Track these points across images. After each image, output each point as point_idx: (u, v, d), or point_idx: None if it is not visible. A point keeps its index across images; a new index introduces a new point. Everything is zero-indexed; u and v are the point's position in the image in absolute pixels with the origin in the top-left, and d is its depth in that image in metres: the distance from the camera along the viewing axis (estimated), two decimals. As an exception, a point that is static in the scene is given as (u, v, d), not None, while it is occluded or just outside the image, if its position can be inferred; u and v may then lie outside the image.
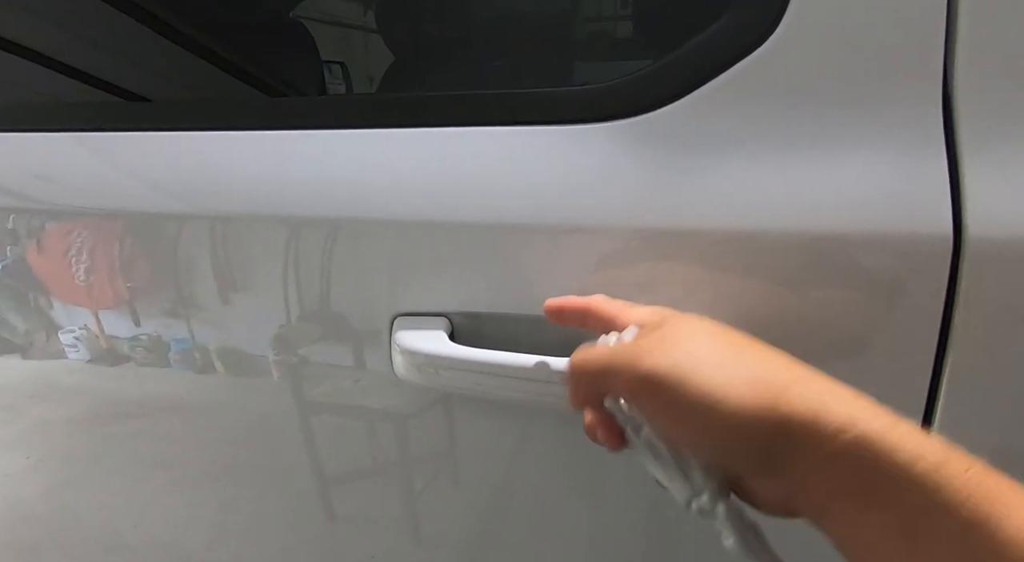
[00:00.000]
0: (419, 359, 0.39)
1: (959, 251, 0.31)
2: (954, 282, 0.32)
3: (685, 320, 0.30)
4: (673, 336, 0.28)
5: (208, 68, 0.60)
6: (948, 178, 0.32)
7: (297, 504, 0.53)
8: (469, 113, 0.41)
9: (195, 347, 0.49)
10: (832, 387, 0.24)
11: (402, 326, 0.41)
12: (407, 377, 0.41)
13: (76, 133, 0.50)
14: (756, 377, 0.25)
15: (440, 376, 0.39)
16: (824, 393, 0.24)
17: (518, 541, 0.49)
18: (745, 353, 0.27)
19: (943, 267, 0.32)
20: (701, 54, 0.36)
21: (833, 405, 0.23)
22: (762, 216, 0.34)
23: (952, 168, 0.32)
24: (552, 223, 0.38)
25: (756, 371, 0.25)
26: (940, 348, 0.33)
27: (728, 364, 0.26)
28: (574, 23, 0.59)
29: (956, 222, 0.32)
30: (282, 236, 0.44)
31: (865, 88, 0.33)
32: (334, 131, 0.43)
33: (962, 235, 0.31)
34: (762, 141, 0.35)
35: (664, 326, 0.29)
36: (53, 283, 0.54)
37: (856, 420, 0.22)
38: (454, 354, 0.38)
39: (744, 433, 0.24)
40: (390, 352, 0.42)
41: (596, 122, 0.38)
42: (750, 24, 0.35)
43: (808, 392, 0.24)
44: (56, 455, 0.62)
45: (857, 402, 0.24)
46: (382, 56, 0.93)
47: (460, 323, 0.41)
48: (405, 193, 0.41)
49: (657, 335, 0.28)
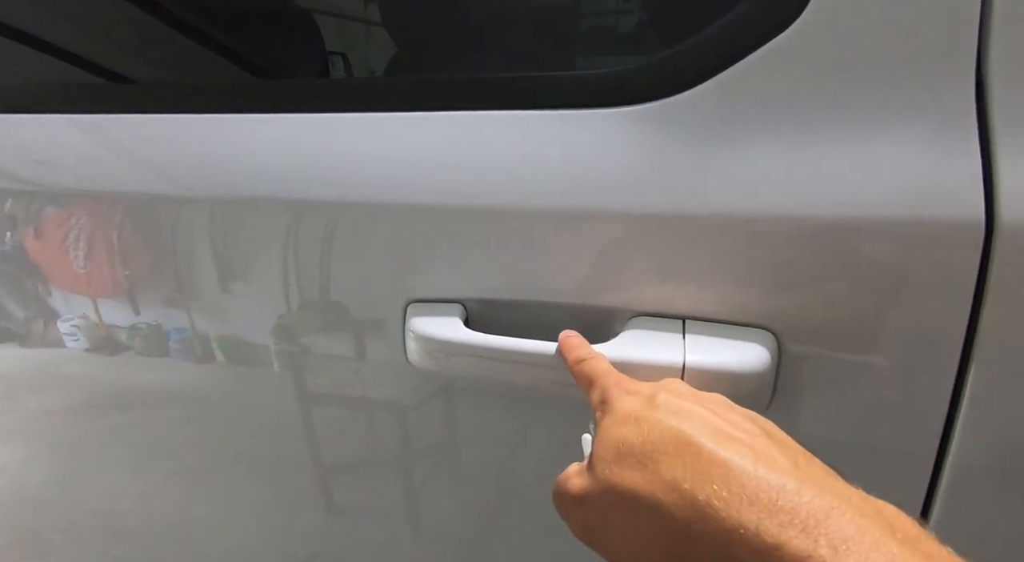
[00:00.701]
0: (433, 345, 0.38)
1: (991, 239, 0.31)
2: (985, 271, 0.31)
3: (656, 437, 0.25)
4: (613, 477, 0.25)
5: (212, 57, 0.59)
6: (980, 164, 0.31)
7: (299, 494, 0.53)
8: (487, 97, 0.40)
9: (195, 336, 0.48)
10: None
11: (416, 312, 0.40)
12: (421, 364, 0.40)
13: (75, 115, 0.49)
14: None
15: (454, 362, 0.38)
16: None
17: (519, 531, 0.48)
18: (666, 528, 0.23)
19: (974, 256, 0.31)
20: (727, 36, 0.35)
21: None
22: (788, 201, 0.34)
23: (985, 153, 0.31)
24: (571, 209, 0.37)
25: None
26: (967, 342, 0.32)
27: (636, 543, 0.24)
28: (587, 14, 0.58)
29: (988, 209, 0.31)
30: (294, 222, 0.43)
31: (895, 71, 0.33)
32: (349, 114, 0.42)
33: (994, 223, 0.31)
34: (789, 125, 0.34)
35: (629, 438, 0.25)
36: (52, 270, 0.53)
37: None
38: (469, 340, 0.37)
39: None
40: (403, 339, 0.41)
41: (620, 106, 0.37)
42: (777, 5, 0.34)
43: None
44: (55, 444, 0.61)
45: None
46: (383, 48, 0.92)
47: (475, 310, 0.40)
48: (420, 178, 0.40)
49: (599, 471, 0.26)
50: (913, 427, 0.35)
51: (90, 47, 0.55)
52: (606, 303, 0.38)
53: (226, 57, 0.60)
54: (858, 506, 0.20)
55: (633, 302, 0.37)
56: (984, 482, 0.35)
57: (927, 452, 0.35)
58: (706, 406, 0.27)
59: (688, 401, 0.27)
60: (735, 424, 0.25)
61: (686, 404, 0.26)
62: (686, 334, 0.36)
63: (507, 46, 0.54)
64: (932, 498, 0.36)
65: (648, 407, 0.27)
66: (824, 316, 0.35)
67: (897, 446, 0.36)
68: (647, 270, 0.37)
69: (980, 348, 0.32)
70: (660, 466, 0.23)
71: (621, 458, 0.25)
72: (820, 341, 0.35)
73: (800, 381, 0.36)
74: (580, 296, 0.38)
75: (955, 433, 0.34)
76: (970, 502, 0.35)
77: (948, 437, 0.35)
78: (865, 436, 0.36)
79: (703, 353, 0.34)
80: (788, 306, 0.35)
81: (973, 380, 0.33)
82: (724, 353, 0.34)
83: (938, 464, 0.35)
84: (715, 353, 0.34)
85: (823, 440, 0.37)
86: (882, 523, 0.20)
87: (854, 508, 0.20)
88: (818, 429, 0.37)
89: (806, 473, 0.22)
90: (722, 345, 0.35)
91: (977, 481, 0.35)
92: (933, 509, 0.36)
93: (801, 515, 0.20)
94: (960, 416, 0.34)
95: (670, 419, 0.25)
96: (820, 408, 0.36)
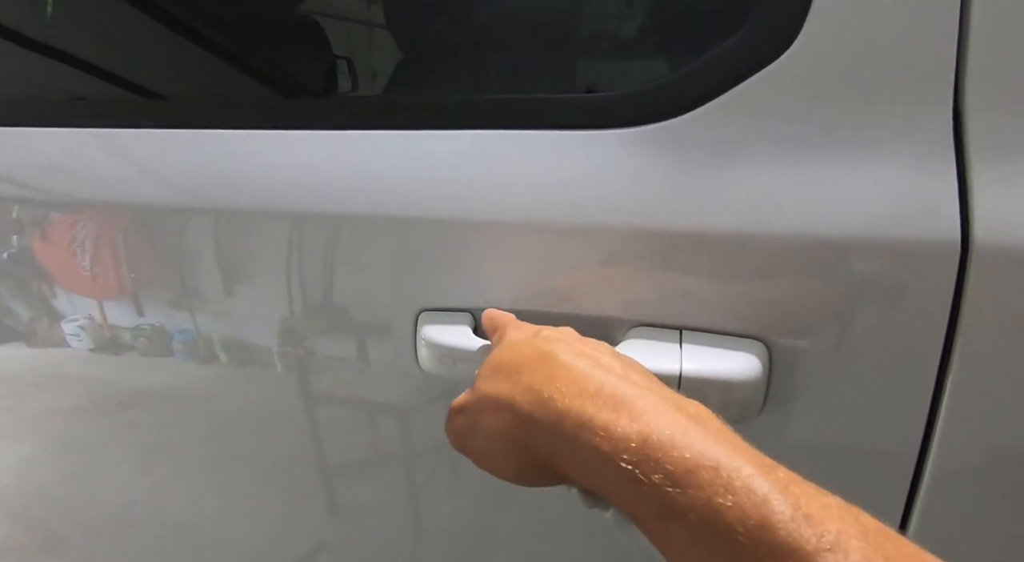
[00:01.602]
0: (443, 352, 0.40)
1: (967, 257, 0.33)
2: (961, 287, 0.33)
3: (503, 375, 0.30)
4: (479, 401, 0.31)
5: (219, 65, 0.60)
6: (957, 186, 0.34)
7: (305, 492, 0.54)
8: (496, 116, 0.42)
9: (199, 337, 0.50)
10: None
11: (427, 321, 0.42)
12: (431, 369, 0.42)
13: (86, 129, 0.50)
14: (519, 464, 0.29)
15: (463, 368, 0.40)
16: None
17: (521, 532, 0.50)
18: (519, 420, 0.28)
19: (951, 272, 0.33)
20: (722, 64, 0.38)
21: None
22: (775, 220, 0.36)
23: (961, 176, 0.34)
24: (574, 224, 0.39)
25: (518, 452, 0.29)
26: (945, 353, 0.35)
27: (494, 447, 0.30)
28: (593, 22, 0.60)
29: (964, 230, 0.33)
30: (309, 233, 0.44)
31: (879, 99, 0.35)
32: (363, 131, 0.44)
33: (970, 241, 0.33)
34: (779, 148, 0.36)
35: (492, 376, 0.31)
36: (58, 272, 0.54)
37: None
38: (479, 348, 0.39)
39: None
40: (415, 345, 0.43)
41: (622, 127, 0.39)
42: (770, 36, 0.36)
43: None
44: (59, 444, 0.62)
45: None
46: (388, 52, 0.93)
47: (483, 318, 0.42)
48: (433, 192, 0.42)
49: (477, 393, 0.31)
50: (894, 434, 0.37)
51: (98, 59, 0.57)
52: (607, 313, 0.40)
53: (236, 67, 0.61)
54: (665, 396, 0.26)
55: (632, 313, 0.39)
56: (960, 486, 0.37)
57: (908, 458, 0.37)
58: (577, 339, 0.32)
59: (566, 337, 0.32)
60: (597, 351, 0.30)
61: (562, 338, 0.31)
62: (683, 344, 0.38)
63: (514, 55, 0.56)
64: (913, 501, 0.38)
65: (530, 337, 0.32)
66: (813, 328, 0.37)
67: (880, 451, 0.38)
68: (647, 283, 0.39)
69: (956, 359, 0.35)
70: (523, 376, 0.29)
71: (495, 373, 0.30)
72: (809, 352, 0.37)
73: (790, 389, 0.38)
74: (582, 306, 0.40)
75: (934, 440, 0.36)
76: (947, 505, 0.38)
77: (927, 444, 0.37)
78: (850, 441, 0.38)
79: (699, 362, 0.36)
80: (780, 318, 0.37)
81: (950, 389, 0.35)
82: (719, 362, 0.36)
83: (918, 469, 0.38)
84: (710, 362, 0.36)
85: (811, 445, 0.39)
86: (675, 406, 0.25)
87: (658, 396, 0.26)
88: (807, 435, 0.39)
89: (633, 380, 0.27)
90: (717, 355, 0.37)
91: (954, 485, 0.37)
92: (914, 511, 0.38)
93: (615, 399, 0.25)
94: (938, 424, 0.36)
95: (542, 344, 0.30)
96: (808, 415, 0.39)
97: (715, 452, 0.22)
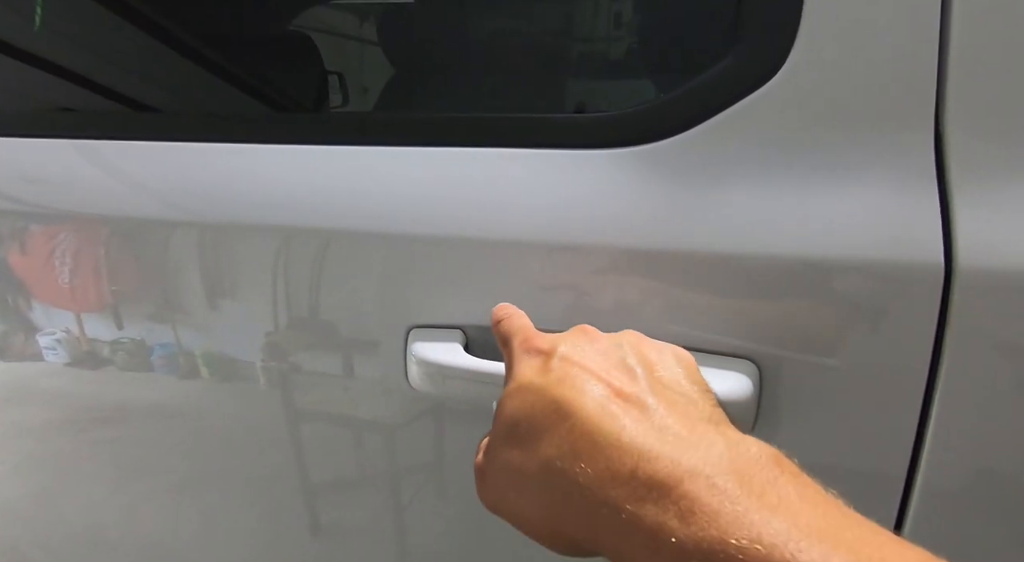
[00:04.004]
0: (433, 369, 0.39)
1: (950, 280, 0.34)
2: (945, 309, 0.34)
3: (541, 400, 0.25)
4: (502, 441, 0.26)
5: (206, 77, 0.60)
6: (940, 211, 0.34)
7: (285, 512, 0.53)
8: (486, 134, 0.42)
9: (180, 351, 0.49)
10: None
11: (417, 337, 0.41)
12: (421, 386, 0.41)
13: (68, 140, 0.50)
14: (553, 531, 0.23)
15: (453, 385, 0.40)
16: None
17: (506, 556, 0.49)
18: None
19: (935, 295, 0.34)
20: (711, 88, 0.38)
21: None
22: (764, 241, 0.36)
23: (943, 202, 0.35)
24: (563, 243, 0.39)
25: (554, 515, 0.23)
26: (931, 373, 0.35)
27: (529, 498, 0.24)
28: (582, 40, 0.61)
29: (947, 253, 0.34)
30: (299, 248, 0.44)
31: (863, 125, 0.36)
32: (353, 147, 0.44)
33: (953, 265, 0.34)
34: (766, 172, 0.37)
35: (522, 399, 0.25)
36: (34, 284, 0.53)
37: None
38: (467, 365, 0.39)
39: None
40: (405, 362, 0.42)
41: (612, 147, 0.40)
42: (758, 63, 0.37)
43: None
44: (32, 460, 0.60)
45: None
46: (380, 68, 0.94)
47: (474, 335, 0.42)
48: (425, 209, 0.42)
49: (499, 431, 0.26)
50: (884, 454, 0.38)
51: (86, 71, 0.56)
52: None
53: (224, 79, 0.61)
54: (723, 466, 0.20)
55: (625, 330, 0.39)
56: (949, 506, 0.38)
57: (897, 477, 0.38)
58: (602, 362, 0.26)
59: (586, 359, 0.26)
60: (632, 377, 0.25)
61: (577, 368, 0.25)
62: (674, 362, 0.38)
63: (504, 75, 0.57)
64: (903, 520, 0.38)
65: (541, 372, 0.26)
66: (803, 348, 0.37)
67: (870, 471, 0.38)
68: (637, 302, 0.39)
69: (942, 380, 0.35)
70: (539, 444, 0.23)
71: (508, 435, 0.25)
72: (799, 371, 0.37)
73: (780, 409, 0.38)
74: (571, 325, 0.40)
75: (922, 459, 0.37)
76: (937, 524, 0.38)
77: (916, 463, 0.37)
78: (840, 461, 0.39)
79: (690, 381, 0.36)
80: (770, 338, 0.37)
81: (937, 409, 0.36)
82: (711, 381, 0.36)
83: (907, 488, 0.38)
84: (701, 381, 0.36)
85: (802, 465, 0.39)
86: (739, 480, 0.19)
87: (713, 466, 0.19)
88: (798, 454, 0.39)
89: (675, 431, 0.21)
90: (709, 374, 0.37)
91: (943, 504, 0.38)
92: (903, 530, 0.38)
93: (655, 485, 0.19)
94: (926, 443, 0.36)
95: (556, 388, 0.25)
96: (799, 434, 0.39)
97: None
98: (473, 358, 0.39)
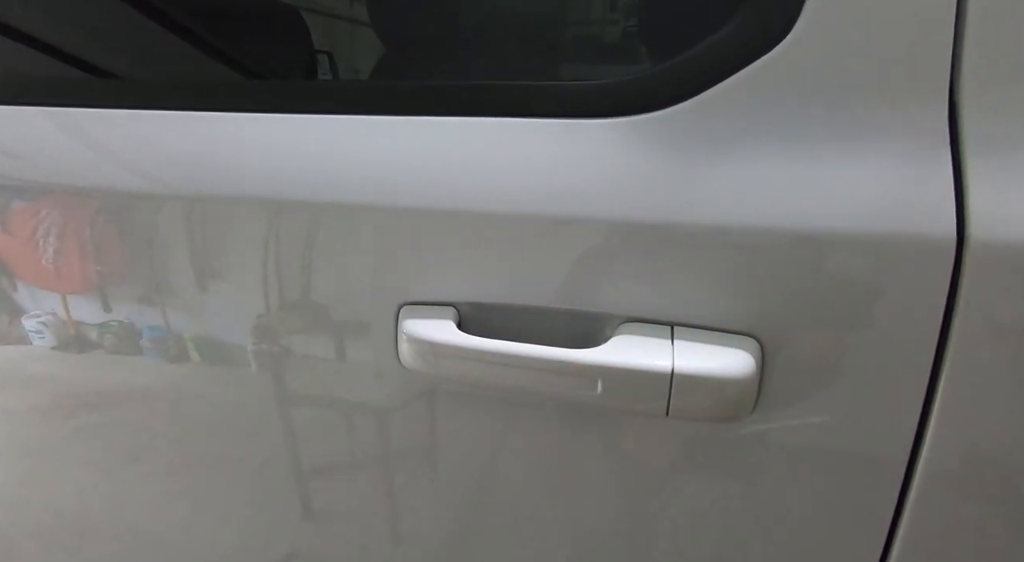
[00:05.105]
0: (425, 347, 0.38)
1: (961, 253, 0.33)
2: (955, 283, 0.33)
3: None
4: None
5: (196, 53, 0.58)
6: (952, 182, 0.33)
7: (276, 495, 0.52)
8: (482, 103, 0.41)
9: (169, 334, 0.47)
10: None
11: (409, 315, 0.40)
12: (413, 366, 0.40)
13: (49, 108, 0.48)
14: None
15: (445, 364, 0.38)
16: None
17: (499, 537, 0.49)
18: None
19: (945, 269, 0.33)
20: (714, 55, 0.37)
21: None
22: (768, 215, 0.35)
23: (956, 172, 0.33)
24: (560, 215, 0.38)
25: None
26: (939, 350, 0.34)
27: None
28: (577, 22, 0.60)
29: (959, 225, 0.33)
30: (286, 222, 0.42)
31: (874, 94, 0.34)
32: (346, 116, 0.42)
33: (965, 238, 0.32)
34: (771, 142, 0.36)
35: None
36: (18, 265, 0.51)
37: None
38: (461, 343, 0.38)
39: None
40: (396, 341, 0.41)
41: (609, 117, 0.38)
42: (763, 28, 0.35)
43: None
44: (14, 446, 0.59)
45: None
46: (370, 47, 0.91)
47: (467, 313, 0.40)
48: (415, 181, 0.40)
49: None
50: (886, 433, 0.37)
51: (67, 40, 0.54)
52: (596, 308, 0.39)
53: (211, 54, 0.59)
54: None
55: (623, 308, 0.38)
56: (951, 488, 0.37)
57: (899, 459, 0.37)
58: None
59: None
60: None
61: None
62: (674, 340, 0.37)
63: (496, 50, 0.55)
64: (903, 502, 0.38)
65: None
66: (806, 324, 0.36)
67: (871, 452, 0.37)
68: (636, 277, 0.37)
69: (950, 357, 0.34)
70: None
71: None
72: (802, 348, 0.36)
73: (783, 387, 0.37)
74: (571, 301, 0.39)
75: (925, 440, 0.36)
76: (938, 506, 0.37)
77: (919, 445, 0.36)
78: (842, 442, 0.38)
79: (691, 359, 0.35)
80: (772, 314, 0.36)
81: (943, 388, 0.35)
82: (711, 359, 0.35)
83: (909, 470, 0.37)
84: (703, 359, 0.35)
85: (804, 445, 0.39)
86: None
87: None
88: (800, 434, 0.38)
89: None
90: (709, 351, 0.36)
91: (945, 487, 0.37)
92: (904, 512, 0.38)
93: None
94: (931, 424, 0.35)
95: None
96: (801, 414, 0.38)
97: None
98: (466, 335, 0.38)
